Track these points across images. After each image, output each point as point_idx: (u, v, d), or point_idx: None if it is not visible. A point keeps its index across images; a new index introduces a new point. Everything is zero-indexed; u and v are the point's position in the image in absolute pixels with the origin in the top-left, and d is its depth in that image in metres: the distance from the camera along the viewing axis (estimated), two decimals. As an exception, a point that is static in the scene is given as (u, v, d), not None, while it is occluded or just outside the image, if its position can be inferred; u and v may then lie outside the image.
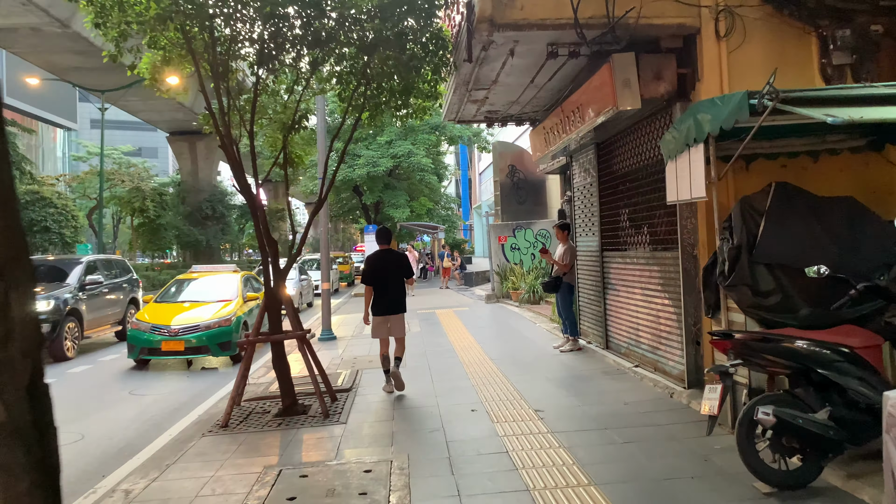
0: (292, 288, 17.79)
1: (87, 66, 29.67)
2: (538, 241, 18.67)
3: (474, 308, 16.90)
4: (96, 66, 30.17)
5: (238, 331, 10.29)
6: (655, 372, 7.18)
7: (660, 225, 7.22)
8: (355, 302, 22.49)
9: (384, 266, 7.37)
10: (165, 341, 9.89)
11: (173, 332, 9.93)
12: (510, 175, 19.18)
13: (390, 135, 30.52)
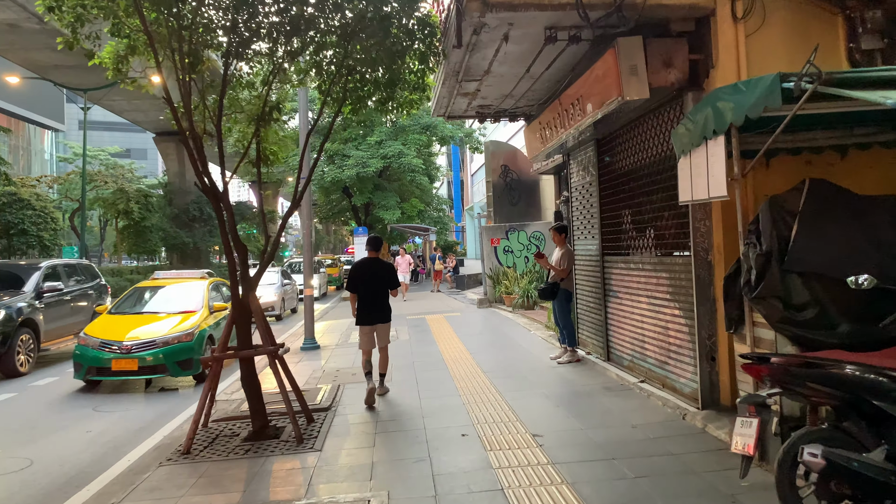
0: (273, 293, 17.07)
1: (66, 63, 28.83)
2: (532, 243, 18.06)
3: (466, 313, 16.25)
4: (77, 64, 29.36)
5: (202, 346, 9.14)
6: (664, 389, 6.54)
7: (668, 228, 6.59)
8: (344, 306, 21.79)
9: (370, 275, 7.24)
10: (116, 359, 8.59)
11: (125, 349, 8.66)
12: (503, 175, 18.55)
13: (380, 135, 29.86)
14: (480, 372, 8.49)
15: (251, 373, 6.21)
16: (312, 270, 12.09)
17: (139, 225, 34.97)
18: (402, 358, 9.98)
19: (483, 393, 7.26)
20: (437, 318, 15.37)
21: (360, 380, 8.48)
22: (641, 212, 7.18)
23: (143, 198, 34.62)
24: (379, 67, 6.80)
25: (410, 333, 12.84)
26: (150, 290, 10.61)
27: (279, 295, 17.53)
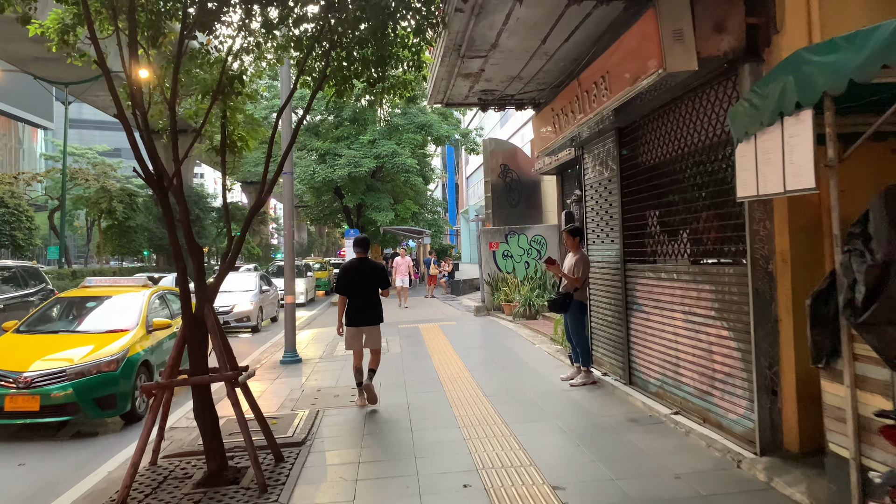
0: (249, 301, 15.76)
1: (46, 56, 27.60)
2: (532, 247, 16.96)
3: (462, 322, 15.13)
4: (58, 57, 28.06)
5: (132, 378, 7.07)
6: (706, 425, 5.44)
7: (710, 230, 5.50)
8: (332, 313, 20.64)
9: (359, 275, 7.02)
10: (11, 396, 6.42)
11: (24, 382, 6.49)
12: (502, 175, 17.46)
13: (374, 134, 28.76)
14: (482, 395, 7.37)
15: (205, 403, 5.08)
16: (294, 275, 10.92)
17: (123, 225, 33.71)
18: (392, 375, 8.86)
19: (487, 423, 6.14)
20: (432, 327, 14.24)
21: (342, 403, 7.36)
22: (675, 211, 6.09)
23: (128, 197, 33.35)
24: (366, 37, 5.70)
25: (402, 345, 11.71)
26: (74, 303, 8.52)
27: (256, 303, 16.05)
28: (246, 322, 15.53)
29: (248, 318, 15.56)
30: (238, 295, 15.84)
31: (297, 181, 27.56)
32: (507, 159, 17.56)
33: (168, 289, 9.54)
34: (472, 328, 13.97)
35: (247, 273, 18.36)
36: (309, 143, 29.48)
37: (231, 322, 15.10)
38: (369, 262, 7.21)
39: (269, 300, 17.52)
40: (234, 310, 15.32)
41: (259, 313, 16.21)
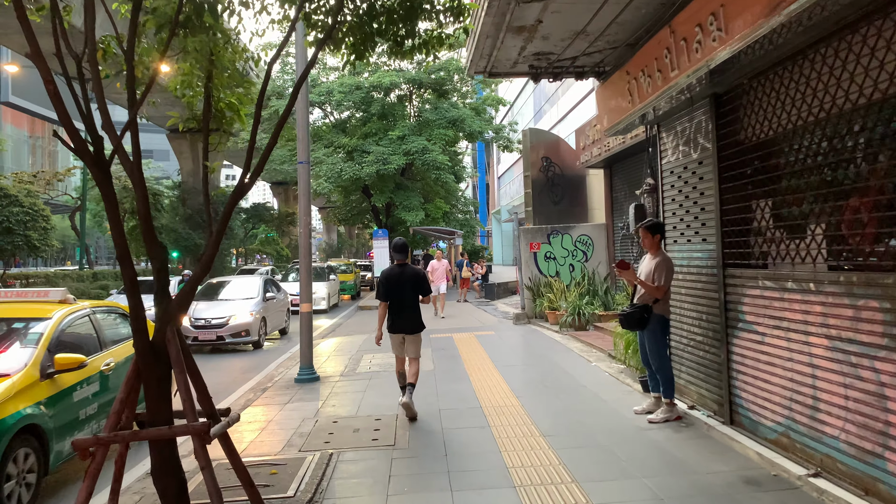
0: (249, 312, 13.27)
1: (67, 51, 26.85)
2: (578, 249, 15.35)
3: (501, 331, 13.58)
4: (78, 52, 27.37)
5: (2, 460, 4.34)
6: (869, 497, 3.83)
7: (864, 224, 3.90)
8: (360, 318, 19.27)
9: (399, 282, 6.81)
10: None
11: None
12: (544, 170, 15.88)
13: (403, 129, 27.41)
14: (537, 434, 5.84)
15: (167, 463, 3.66)
16: (311, 279, 9.48)
17: (147, 225, 32.81)
18: (424, 400, 7.38)
19: (551, 482, 4.61)
20: (467, 337, 12.73)
21: (363, 442, 5.89)
22: (809, 199, 4.48)
23: (152, 196, 32.47)
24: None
25: (435, 360, 10.23)
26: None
27: (258, 313, 13.47)
28: (245, 337, 13.07)
29: (248, 331, 13.08)
30: (236, 304, 13.60)
31: (324, 179, 26.32)
32: (550, 152, 15.98)
33: (111, 306, 6.87)
34: (513, 339, 12.42)
35: (251, 277, 16.12)
36: (336, 140, 28.24)
37: (226, 337, 12.92)
38: (409, 269, 6.98)
39: (277, 309, 15.13)
40: (230, 322, 12.97)
41: (261, 326, 13.61)
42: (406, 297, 6.78)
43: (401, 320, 6.81)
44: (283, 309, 15.74)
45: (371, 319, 19.55)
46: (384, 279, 6.88)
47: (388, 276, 6.87)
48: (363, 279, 31.83)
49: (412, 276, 6.88)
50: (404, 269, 6.90)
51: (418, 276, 6.95)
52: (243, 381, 9.68)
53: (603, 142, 13.65)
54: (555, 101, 38.27)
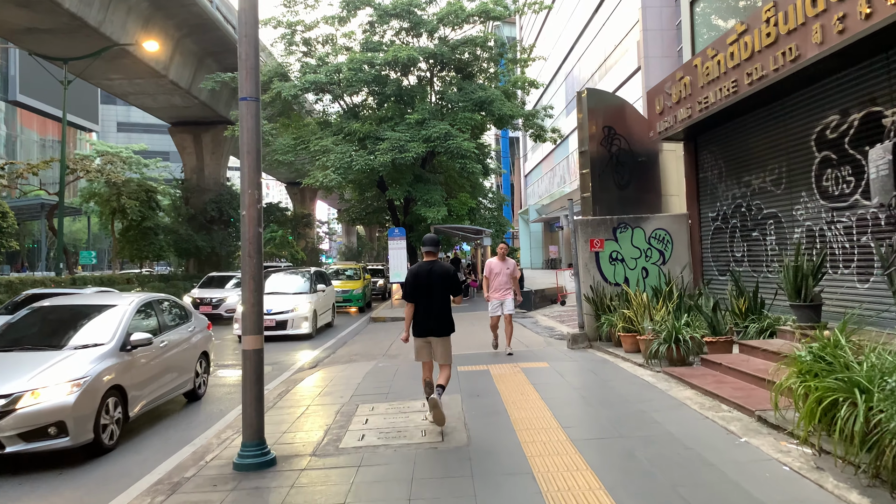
0: (67, 380, 6.13)
1: (41, 26, 23.58)
2: (653, 247, 11.55)
3: (557, 361, 9.78)
4: (54, 27, 24.13)
5: None
6: None
7: None
8: (370, 336, 15.59)
9: (428, 280, 6.34)
10: None
11: None
12: (606, 143, 12.05)
13: (423, 113, 23.71)
14: None
15: None
16: (258, 288, 5.63)
17: (141, 226, 29.55)
18: None
19: None
20: (510, 372, 8.98)
21: None
22: None
23: (144, 193, 29.18)
24: None
25: (468, 418, 6.52)
26: None
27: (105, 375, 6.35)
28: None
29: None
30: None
31: (332, 170, 22.72)
32: (613, 120, 12.16)
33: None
34: (580, 378, 8.60)
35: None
36: (347, 127, 24.65)
37: None
38: (439, 265, 6.47)
39: (188, 349, 8.46)
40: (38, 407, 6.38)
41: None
42: (435, 296, 6.36)
43: (428, 321, 6.34)
44: (194, 347, 11.74)
45: (386, 335, 15.89)
46: (411, 277, 6.51)
47: (415, 273, 6.48)
48: (374, 286, 27.89)
49: (442, 273, 6.44)
50: (433, 266, 6.46)
51: (448, 273, 6.48)
52: (151, 465, 5.99)
53: (696, 98, 9.83)
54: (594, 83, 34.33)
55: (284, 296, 15.54)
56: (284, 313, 14.90)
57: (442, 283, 6.37)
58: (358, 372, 9.83)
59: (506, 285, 10.51)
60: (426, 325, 6.33)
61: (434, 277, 6.36)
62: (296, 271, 17.92)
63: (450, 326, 6.41)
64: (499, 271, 10.57)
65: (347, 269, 25.16)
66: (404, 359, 11.44)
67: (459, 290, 6.56)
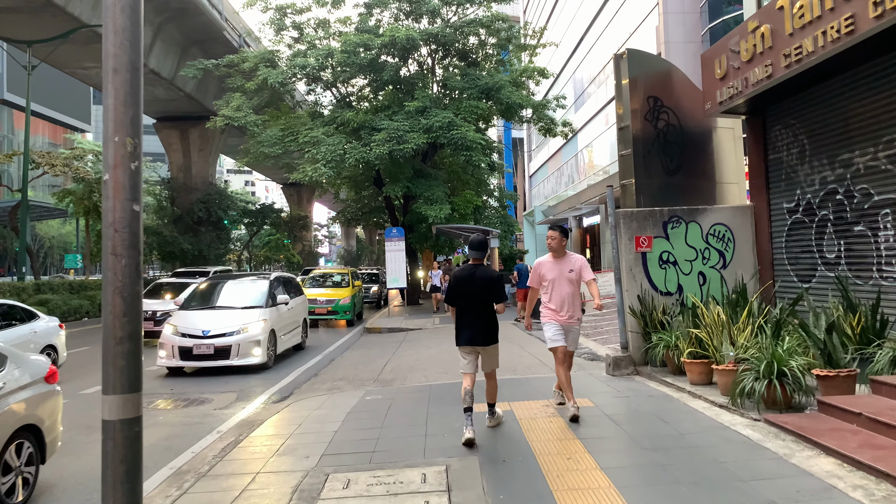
0: None
1: (1, 3, 21.33)
2: (711, 247, 9.21)
3: (600, 396, 7.38)
4: (14, 5, 21.60)
5: None
6: None
7: None
8: (363, 352, 13.22)
9: (469, 285, 5.96)
10: None
11: None
12: (652, 116, 9.70)
13: (424, 100, 21.39)
14: None
15: None
16: (131, 304, 3.13)
17: (118, 226, 27.14)
18: None
19: None
20: (543, 414, 6.62)
21: None
22: None
23: (121, 191, 26.80)
24: None
25: (492, 499, 4.14)
26: None
27: None
28: None
29: None
30: None
31: (322, 164, 20.39)
32: (659, 88, 9.82)
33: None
34: (644, 427, 6.11)
35: None
36: (339, 116, 22.35)
37: None
38: (482, 270, 6.04)
39: None
40: None
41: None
42: (476, 303, 5.93)
43: (472, 330, 5.91)
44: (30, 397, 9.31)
45: (380, 350, 13.57)
46: (454, 281, 6.11)
47: (458, 277, 6.11)
48: (367, 293, 25.35)
49: (484, 279, 5.95)
50: (476, 271, 6.01)
51: (491, 279, 5.98)
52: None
53: (780, 50, 7.49)
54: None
55: (229, 311, 11.47)
56: (227, 336, 10.77)
57: (482, 289, 5.92)
58: (338, 409, 7.48)
59: (572, 301, 6.51)
60: (469, 333, 5.96)
61: (476, 283, 5.95)
62: (249, 277, 13.63)
63: (494, 335, 6.00)
64: (555, 276, 6.53)
65: (333, 273, 22.03)
66: (400, 386, 9.10)
67: (503, 298, 5.98)
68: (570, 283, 6.48)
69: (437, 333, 15.86)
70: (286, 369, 11.35)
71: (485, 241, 6.16)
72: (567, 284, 6.47)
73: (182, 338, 10.81)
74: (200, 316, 11.33)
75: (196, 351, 10.66)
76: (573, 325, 6.55)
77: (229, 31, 29.87)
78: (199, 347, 10.69)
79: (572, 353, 6.65)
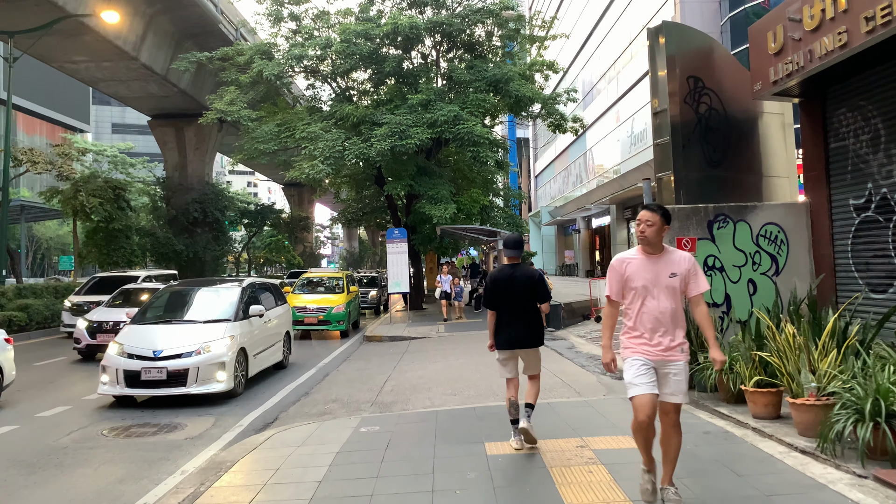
0: None
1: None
2: (762, 250, 7.92)
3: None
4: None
5: None
6: None
7: None
8: (358, 364, 11.91)
9: (510, 286, 5.75)
10: None
11: None
12: (692, 99, 8.41)
13: (428, 93, 20.11)
14: None
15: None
16: None
17: (108, 228, 25.98)
18: None
19: None
20: (577, 457, 5.36)
21: None
22: None
23: (111, 191, 25.61)
24: None
25: None
26: None
27: None
28: None
29: None
30: None
31: (320, 161, 19.13)
32: (700, 67, 8.53)
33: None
34: (708, 483, 4.70)
35: None
36: (338, 110, 21.08)
37: None
38: (522, 269, 5.88)
39: None
40: None
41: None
42: (519, 304, 5.74)
43: (514, 332, 5.72)
44: None
45: (380, 363, 12.30)
46: (492, 282, 5.93)
47: (496, 278, 5.91)
48: (365, 299, 23.85)
49: (526, 278, 5.78)
50: (516, 270, 5.84)
51: (533, 278, 5.81)
52: None
53: (859, 12, 6.19)
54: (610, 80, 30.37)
55: (189, 327, 9.46)
56: (183, 357, 8.72)
57: (525, 289, 5.77)
58: (327, 445, 6.21)
59: (672, 321, 4.18)
60: (511, 335, 5.79)
61: (517, 283, 5.79)
62: (218, 284, 11.28)
63: (539, 337, 5.87)
64: (648, 281, 4.21)
65: (325, 277, 19.96)
66: (402, 411, 7.83)
67: (547, 297, 5.88)
68: (672, 294, 4.15)
69: (443, 343, 14.57)
70: (256, 399, 10.05)
71: (521, 239, 5.95)
72: (667, 296, 4.14)
73: (128, 359, 8.70)
74: (153, 332, 9.33)
75: (145, 376, 8.59)
76: (675, 360, 4.12)
77: (225, 23, 28.66)
78: (149, 371, 8.60)
79: (678, 406, 4.15)
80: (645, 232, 4.19)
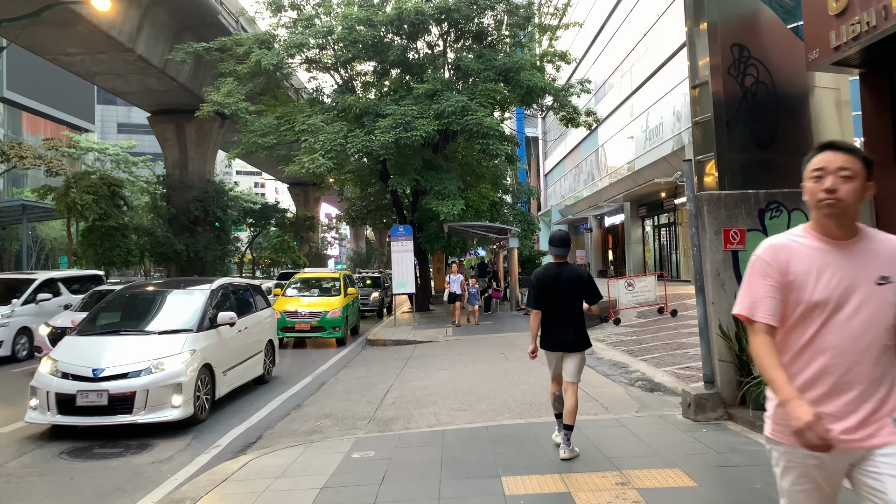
0: None
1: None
2: (820, 243, 6.72)
3: (696, 468, 5.00)
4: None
5: None
6: None
7: None
8: (357, 371, 10.85)
9: (556, 285, 5.53)
10: None
11: None
12: (737, 71, 7.31)
13: (434, 83, 19.04)
14: None
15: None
16: None
17: (104, 226, 25.06)
18: None
19: None
20: (612, 494, 4.27)
21: None
22: None
23: (106, 188, 24.69)
24: None
25: None
26: None
27: None
28: None
29: None
30: None
31: (321, 154, 18.10)
32: (746, 34, 7.41)
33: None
34: None
35: None
36: (340, 101, 20.05)
37: None
38: (568, 268, 5.62)
39: None
40: None
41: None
42: (565, 304, 5.52)
43: (558, 333, 5.52)
44: None
45: (382, 370, 11.25)
46: (536, 281, 5.69)
47: (541, 277, 5.67)
48: (366, 301, 22.58)
49: (573, 277, 5.56)
50: (562, 269, 5.60)
51: (581, 277, 5.60)
52: None
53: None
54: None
55: (140, 339, 7.78)
56: (129, 377, 7.05)
57: (572, 288, 5.49)
58: (311, 478, 5.15)
59: (878, 359, 2.24)
60: (557, 337, 5.52)
61: (563, 282, 5.51)
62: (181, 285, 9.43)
63: (584, 340, 5.52)
64: (838, 291, 2.29)
65: (321, 279, 17.75)
66: (403, 430, 6.77)
67: (598, 296, 5.54)
68: (880, 313, 2.27)
69: (451, 348, 13.49)
70: (256, 404, 9.00)
71: (567, 236, 5.76)
72: (872, 316, 2.27)
73: (61, 379, 7.03)
74: (96, 345, 7.61)
75: (81, 401, 6.87)
76: (885, 444, 2.18)
77: (225, 15, 27.71)
78: (86, 395, 6.86)
79: None
80: (837, 191, 2.26)
